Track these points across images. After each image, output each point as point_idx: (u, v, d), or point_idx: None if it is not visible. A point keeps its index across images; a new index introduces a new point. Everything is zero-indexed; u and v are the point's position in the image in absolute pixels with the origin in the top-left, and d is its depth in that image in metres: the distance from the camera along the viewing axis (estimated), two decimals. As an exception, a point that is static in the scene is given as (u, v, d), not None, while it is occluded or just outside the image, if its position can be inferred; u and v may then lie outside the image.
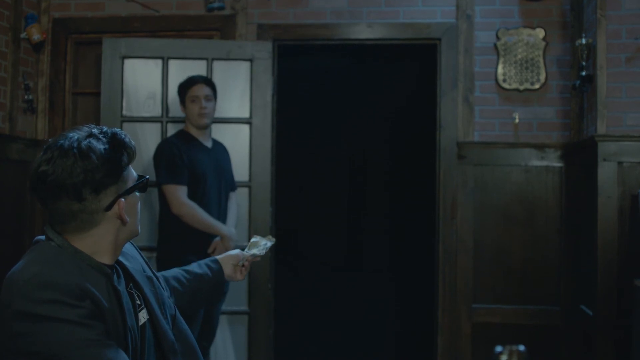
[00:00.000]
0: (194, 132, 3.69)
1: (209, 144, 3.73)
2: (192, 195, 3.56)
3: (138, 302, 1.63)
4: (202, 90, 3.68)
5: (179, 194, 3.52)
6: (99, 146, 1.53)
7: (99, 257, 1.57)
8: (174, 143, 3.60)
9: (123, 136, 1.60)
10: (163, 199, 3.59)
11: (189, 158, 3.57)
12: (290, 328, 5.45)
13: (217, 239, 3.60)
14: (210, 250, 3.57)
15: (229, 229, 3.66)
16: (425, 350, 4.58)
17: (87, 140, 1.54)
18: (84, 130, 1.58)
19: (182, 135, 3.69)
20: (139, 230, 1.67)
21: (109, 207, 1.56)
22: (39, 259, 1.49)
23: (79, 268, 1.50)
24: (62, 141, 1.53)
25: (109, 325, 1.46)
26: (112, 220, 1.58)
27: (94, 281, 1.49)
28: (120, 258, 1.66)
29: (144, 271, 1.74)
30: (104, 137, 1.57)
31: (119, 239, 1.61)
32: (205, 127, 3.72)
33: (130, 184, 1.60)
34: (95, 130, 1.57)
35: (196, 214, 3.52)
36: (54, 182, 1.50)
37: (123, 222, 1.59)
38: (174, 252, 3.50)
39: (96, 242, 1.57)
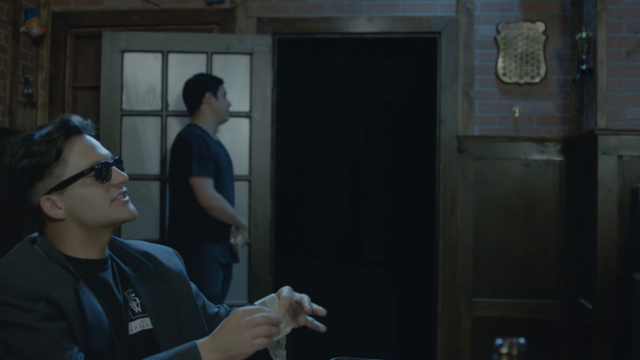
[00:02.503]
0: (206, 127, 3.67)
1: (216, 138, 3.76)
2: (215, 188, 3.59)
3: (138, 309, 1.54)
4: None
5: (208, 186, 3.51)
6: (34, 141, 1.48)
7: (79, 252, 1.50)
8: (200, 135, 3.58)
9: (55, 128, 1.48)
10: (187, 190, 3.53)
11: (213, 151, 3.59)
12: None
13: (233, 228, 3.65)
14: (232, 240, 3.63)
15: (244, 219, 3.76)
16: (425, 343, 4.59)
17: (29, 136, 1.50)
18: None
19: (199, 128, 3.65)
20: (110, 215, 1.50)
21: (38, 206, 1.47)
22: (4, 262, 1.45)
23: (44, 268, 1.42)
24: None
25: (72, 324, 1.37)
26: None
27: (57, 281, 1.40)
28: (125, 267, 1.57)
29: (162, 280, 1.59)
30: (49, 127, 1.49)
31: (86, 232, 1.50)
32: None
33: (67, 176, 1.47)
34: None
35: (223, 206, 3.55)
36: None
37: (52, 221, 1.48)
38: (195, 242, 3.52)
39: (63, 238, 1.50)
